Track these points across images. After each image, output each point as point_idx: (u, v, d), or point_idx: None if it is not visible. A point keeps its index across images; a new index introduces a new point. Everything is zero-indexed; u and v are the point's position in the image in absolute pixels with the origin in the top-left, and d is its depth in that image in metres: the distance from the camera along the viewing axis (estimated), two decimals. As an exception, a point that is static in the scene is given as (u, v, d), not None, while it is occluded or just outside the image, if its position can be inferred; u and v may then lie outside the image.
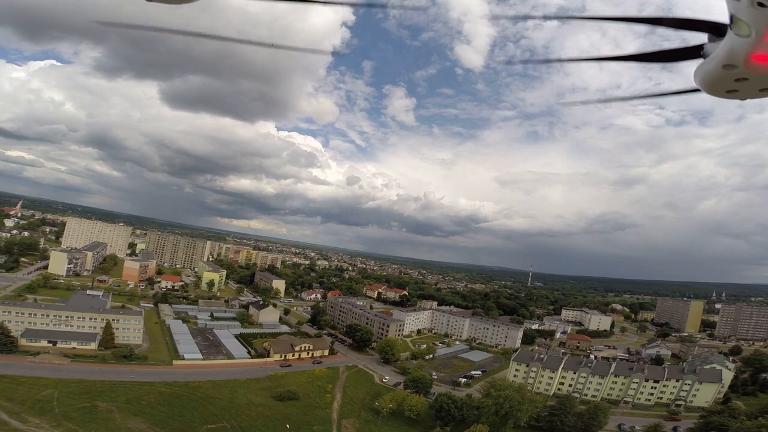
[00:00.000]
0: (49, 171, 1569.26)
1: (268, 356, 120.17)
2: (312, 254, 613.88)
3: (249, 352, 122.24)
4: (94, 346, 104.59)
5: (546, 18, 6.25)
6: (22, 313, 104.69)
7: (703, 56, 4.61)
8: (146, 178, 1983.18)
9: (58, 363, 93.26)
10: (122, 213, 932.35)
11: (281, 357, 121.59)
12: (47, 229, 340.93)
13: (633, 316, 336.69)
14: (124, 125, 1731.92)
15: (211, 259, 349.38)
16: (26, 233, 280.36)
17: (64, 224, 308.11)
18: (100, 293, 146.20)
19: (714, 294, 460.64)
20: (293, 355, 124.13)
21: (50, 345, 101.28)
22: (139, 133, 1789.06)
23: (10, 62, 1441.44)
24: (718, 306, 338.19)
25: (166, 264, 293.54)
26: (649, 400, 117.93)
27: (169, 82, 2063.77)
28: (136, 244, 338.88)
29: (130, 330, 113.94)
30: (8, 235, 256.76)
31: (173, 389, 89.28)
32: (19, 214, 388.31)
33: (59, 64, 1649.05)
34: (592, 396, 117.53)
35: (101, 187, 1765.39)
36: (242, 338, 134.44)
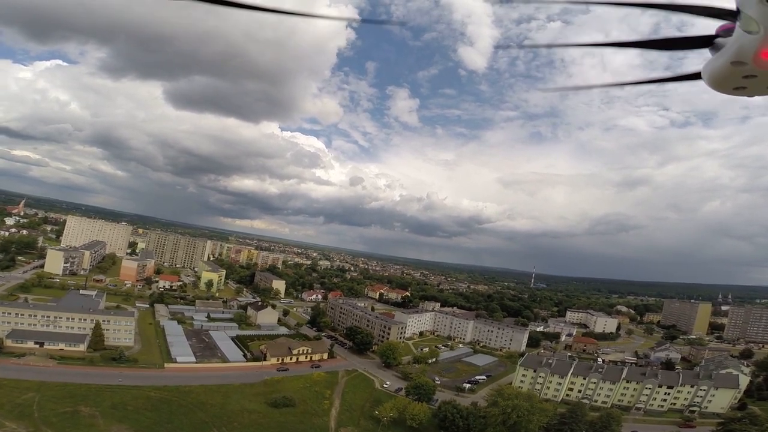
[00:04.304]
0: (54, 170, 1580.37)
1: (265, 359, 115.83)
2: (314, 254, 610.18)
3: (245, 355, 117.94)
4: (82, 347, 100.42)
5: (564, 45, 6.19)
6: (9, 313, 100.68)
7: (716, 48, 4.52)
8: (150, 177, 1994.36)
9: (44, 365, 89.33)
10: (126, 212, 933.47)
11: (278, 360, 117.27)
12: (48, 228, 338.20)
13: (638, 318, 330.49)
14: (128, 125, 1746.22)
15: (212, 258, 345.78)
16: (25, 232, 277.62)
17: (65, 223, 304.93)
18: (94, 293, 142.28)
19: (720, 296, 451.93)
20: (291, 359, 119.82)
21: (37, 346, 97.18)
22: (144, 133, 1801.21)
23: (17, 62, 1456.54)
24: (724, 308, 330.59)
25: (166, 263, 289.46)
26: (662, 406, 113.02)
27: (173, 82, 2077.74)
28: (136, 244, 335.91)
29: (121, 331, 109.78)
30: (7, 233, 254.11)
31: (163, 394, 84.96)
32: (22, 213, 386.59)
33: (65, 64, 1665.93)
34: (603, 402, 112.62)
35: (105, 187, 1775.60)
36: (239, 340, 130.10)
